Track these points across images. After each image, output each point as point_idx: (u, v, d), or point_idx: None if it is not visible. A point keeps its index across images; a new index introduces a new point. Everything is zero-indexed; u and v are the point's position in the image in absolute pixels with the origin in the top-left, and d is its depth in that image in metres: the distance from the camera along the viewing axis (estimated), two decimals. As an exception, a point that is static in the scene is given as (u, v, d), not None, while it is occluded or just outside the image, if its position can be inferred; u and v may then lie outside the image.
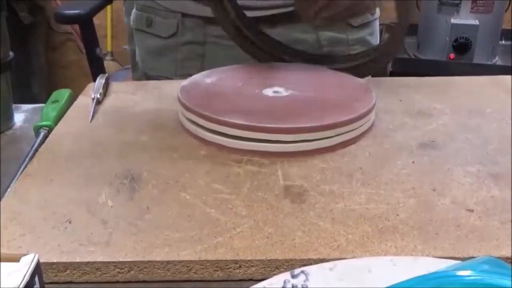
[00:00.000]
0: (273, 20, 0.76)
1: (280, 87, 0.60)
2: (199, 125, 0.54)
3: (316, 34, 0.78)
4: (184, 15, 0.78)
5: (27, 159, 0.54)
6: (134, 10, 0.86)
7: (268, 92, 0.59)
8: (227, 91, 0.61)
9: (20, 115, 0.69)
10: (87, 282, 0.39)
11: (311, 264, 0.36)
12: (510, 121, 0.58)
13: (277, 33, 0.74)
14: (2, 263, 0.30)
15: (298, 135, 0.51)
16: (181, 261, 0.39)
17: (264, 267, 0.39)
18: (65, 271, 0.39)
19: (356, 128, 0.54)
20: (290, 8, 0.74)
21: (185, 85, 0.61)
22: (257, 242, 0.40)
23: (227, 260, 0.39)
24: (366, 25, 0.84)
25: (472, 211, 0.43)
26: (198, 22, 0.78)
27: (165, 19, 0.80)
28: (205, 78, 0.64)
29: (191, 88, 0.61)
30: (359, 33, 0.83)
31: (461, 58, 1.71)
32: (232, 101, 0.58)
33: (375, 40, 0.87)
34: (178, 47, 0.80)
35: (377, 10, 0.86)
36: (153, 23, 0.82)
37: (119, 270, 0.39)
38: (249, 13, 0.72)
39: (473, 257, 0.33)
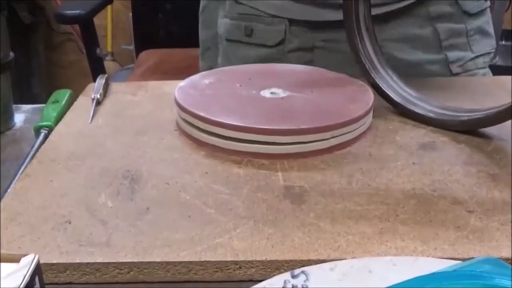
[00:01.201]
0: (386, 16, 0.71)
1: (277, 89, 0.59)
2: (196, 126, 0.54)
3: (433, 27, 0.72)
4: (291, 21, 0.74)
5: (27, 160, 0.54)
6: (225, 20, 0.80)
7: (266, 93, 0.59)
8: (224, 92, 0.61)
9: (20, 115, 0.69)
10: (87, 283, 0.39)
11: (311, 265, 0.36)
12: (510, 121, 0.58)
13: (391, 29, 0.70)
14: (2, 263, 0.30)
15: (296, 137, 0.51)
16: (181, 262, 0.39)
17: (264, 268, 0.39)
18: (65, 271, 0.39)
19: (355, 130, 0.54)
20: (405, 3, 0.69)
21: (182, 86, 0.61)
22: (257, 243, 0.40)
23: (227, 261, 0.39)
24: (482, 12, 0.77)
25: (472, 212, 0.43)
26: (305, 27, 0.74)
27: (270, 26, 0.75)
28: (203, 79, 0.64)
29: (189, 89, 0.61)
30: (476, 21, 0.76)
31: (461, 58, 1.70)
32: (229, 102, 0.58)
33: (491, 29, 0.79)
34: (285, 55, 0.76)
35: None
36: (253, 32, 0.76)
37: (118, 271, 0.39)
38: None
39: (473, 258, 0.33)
